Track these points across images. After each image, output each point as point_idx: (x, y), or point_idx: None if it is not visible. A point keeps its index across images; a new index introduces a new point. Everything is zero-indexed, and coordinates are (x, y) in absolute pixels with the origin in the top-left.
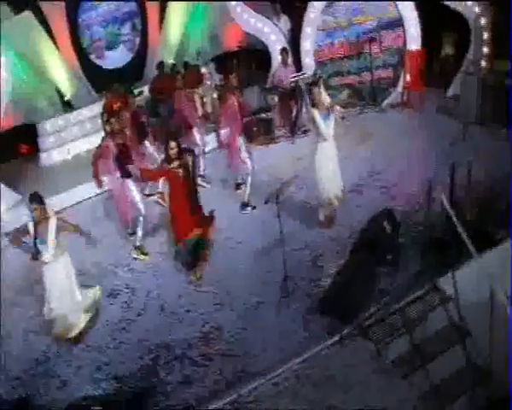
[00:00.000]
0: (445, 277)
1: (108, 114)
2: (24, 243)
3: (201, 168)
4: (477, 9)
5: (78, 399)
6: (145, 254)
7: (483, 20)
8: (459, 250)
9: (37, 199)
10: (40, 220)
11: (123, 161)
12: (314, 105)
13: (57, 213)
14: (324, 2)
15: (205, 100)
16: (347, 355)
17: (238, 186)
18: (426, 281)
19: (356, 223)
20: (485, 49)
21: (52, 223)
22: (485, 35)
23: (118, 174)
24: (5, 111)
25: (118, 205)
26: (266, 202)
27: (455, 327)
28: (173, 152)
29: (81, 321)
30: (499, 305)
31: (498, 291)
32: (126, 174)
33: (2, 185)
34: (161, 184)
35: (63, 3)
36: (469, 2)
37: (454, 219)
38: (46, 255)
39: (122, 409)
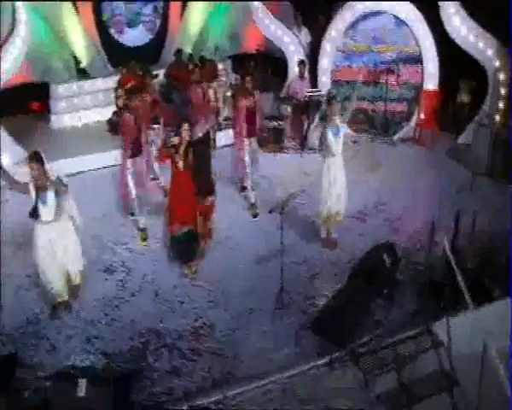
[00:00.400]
0: (439, 322)
1: (124, 90)
2: None
3: None
4: (497, 63)
5: (67, 367)
6: (144, 239)
7: (502, 76)
8: (456, 298)
9: (37, 158)
10: (40, 180)
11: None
12: (325, 119)
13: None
14: (346, 24)
15: (218, 95)
16: (335, 379)
17: (243, 189)
18: (420, 322)
19: (357, 250)
20: (501, 105)
21: (52, 184)
22: (503, 90)
23: (127, 150)
24: (21, 69)
25: (121, 182)
26: (270, 212)
27: (444, 374)
28: (187, 134)
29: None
30: (491, 361)
31: (491, 347)
32: (136, 152)
33: (11, 139)
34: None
35: None
36: (490, 55)
37: (454, 266)
38: (45, 216)
39: (109, 386)
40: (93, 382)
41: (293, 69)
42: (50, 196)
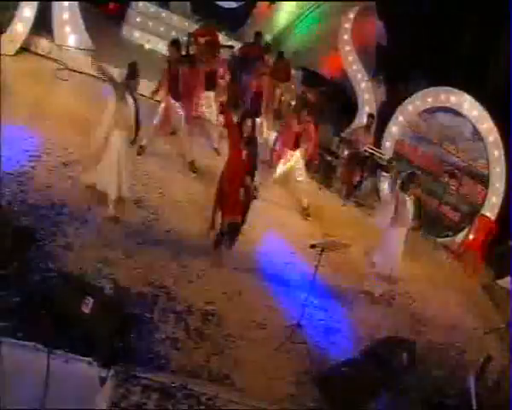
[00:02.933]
0: None
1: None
2: None
3: None
4: None
5: (78, 275)
6: (194, 171)
7: None
8: None
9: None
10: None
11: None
12: (403, 189)
13: None
14: (424, 107)
15: (283, 98)
16: None
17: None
18: None
19: (377, 330)
20: None
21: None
22: None
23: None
24: None
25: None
26: (312, 247)
27: None
28: (247, 130)
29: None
30: None
31: None
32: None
33: (84, 25)
34: None
35: None
36: None
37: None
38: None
39: (113, 317)
40: (101, 306)
41: (361, 117)
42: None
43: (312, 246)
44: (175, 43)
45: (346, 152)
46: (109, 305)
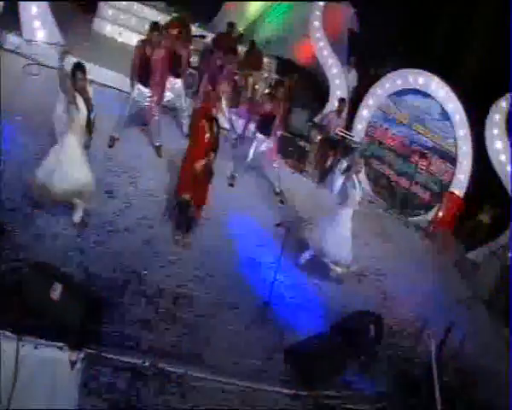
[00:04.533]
0: None
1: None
2: None
3: None
4: None
5: (47, 264)
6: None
7: None
8: (428, 403)
9: (82, 69)
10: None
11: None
12: (349, 169)
13: None
14: (394, 89)
15: (256, 87)
16: None
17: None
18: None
19: (346, 306)
20: None
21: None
22: None
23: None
24: None
25: None
26: (278, 226)
27: None
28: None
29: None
30: None
31: None
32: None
33: (54, 20)
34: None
35: None
36: None
37: (435, 377)
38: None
39: (82, 302)
40: (69, 291)
41: (333, 102)
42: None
43: (277, 225)
44: (156, 26)
45: (318, 137)
46: (78, 290)
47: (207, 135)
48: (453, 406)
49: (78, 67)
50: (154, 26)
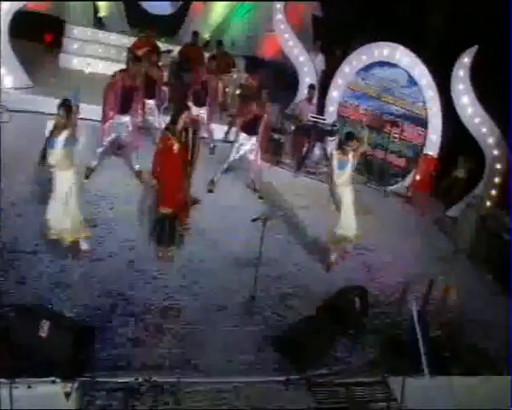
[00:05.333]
0: (396, 378)
1: (133, 54)
2: None
3: None
4: (496, 152)
5: (33, 305)
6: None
7: (498, 165)
8: (416, 361)
9: (67, 107)
10: (59, 126)
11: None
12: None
13: None
14: (361, 65)
15: (227, 90)
16: (288, 399)
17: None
18: (378, 372)
19: (331, 284)
20: (493, 192)
21: (66, 133)
22: (497, 179)
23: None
24: None
25: None
26: (254, 220)
27: None
28: (182, 123)
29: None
30: None
31: None
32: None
33: (18, 64)
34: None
35: None
36: (490, 142)
37: (418, 333)
38: (50, 160)
39: (71, 334)
40: (57, 326)
41: (303, 90)
42: (61, 141)
43: (254, 220)
44: (138, 57)
45: (292, 127)
46: (65, 323)
47: (176, 147)
48: (440, 357)
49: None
50: (136, 58)
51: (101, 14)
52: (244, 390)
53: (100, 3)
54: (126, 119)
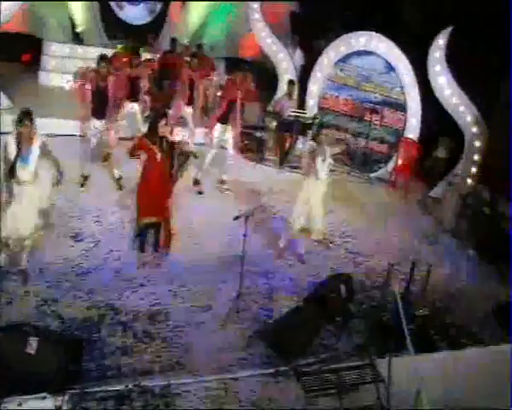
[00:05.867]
0: (383, 359)
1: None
2: None
3: None
4: (474, 130)
5: (20, 323)
6: (120, 187)
7: (477, 143)
8: (402, 341)
9: (29, 116)
10: (25, 139)
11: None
12: (316, 142)
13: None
14: (339, 56)
15: (208, 92)
16: (278, 391)
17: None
18: (365, 355)
19: (317, 274)
20: (474, 170)
21: (37, 144)
22: (476, 157)
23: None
24: (16, 19)
25: None
26: (236, 219)
27: (381, 408)
28: (163, 131)
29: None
30: (422, 406)
31: (423, 393)
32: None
33: None
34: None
35: None
36: (468, 120)
37: (401, 311)
38: (24, 176)
39: (60, 349)
40: (45, 342)
41: (283, 87)
42: (33, 157)
43: (236, 218)
44: (104, 57)
45: (274, 123)
46: (54, 338)
47: (157, 155)
48: (426, 334)
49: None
50: (102, 57)
51: (79, 29)
52: (232, 386)
53: (77, 18)
54: (101, 123)
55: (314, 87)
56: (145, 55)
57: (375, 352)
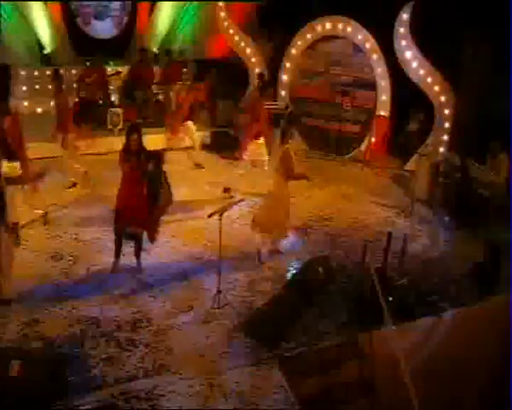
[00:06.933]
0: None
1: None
2: None
3: None
4: (442, 98)
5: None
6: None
7: (446, 111)
8: (382, 313)
9: None
10: None
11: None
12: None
13: None
14: (306, 44)
15: (180, 97)
16: (262, 379)
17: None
18: (348, 332)
19: (298, 262)
20: (445, 138)
21: None
22: (447, 124)
23: None
24: None
25: None
26: (210, 216)
27: (364, 382)
28: (134, 144)
29: None
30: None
31: (404, 363)
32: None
33: None
34: None
35: None
36: (436, 90)
37: (376, 283)
38: None
39: (44, 367)
40: (28, 362)
41: (254, 81)
42: None
43: (210, 216)
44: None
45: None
46: (37, 358)
47: (129, 165)
48: (406, 305)
49: None
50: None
51: (47, 50)
52: (217, 380)
53: (44, 40)
54: None
55: (284, 78)
56: (114, 69)
57: (356, 328)
